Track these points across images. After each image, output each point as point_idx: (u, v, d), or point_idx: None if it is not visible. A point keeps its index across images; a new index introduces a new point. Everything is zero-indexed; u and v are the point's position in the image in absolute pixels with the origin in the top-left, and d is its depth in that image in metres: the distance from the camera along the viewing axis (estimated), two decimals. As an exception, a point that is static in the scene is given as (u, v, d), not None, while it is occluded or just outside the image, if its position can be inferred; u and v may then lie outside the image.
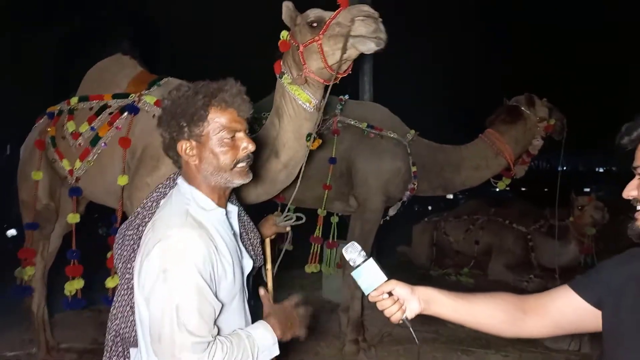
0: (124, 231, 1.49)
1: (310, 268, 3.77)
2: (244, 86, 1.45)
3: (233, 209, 1.52)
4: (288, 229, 2.09)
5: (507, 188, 4.17)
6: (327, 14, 2.26)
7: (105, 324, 1.50)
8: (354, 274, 1.33)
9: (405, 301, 1.31)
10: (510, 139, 3.78)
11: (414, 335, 1.32)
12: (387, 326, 4.31)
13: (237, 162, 1.39)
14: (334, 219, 3.88)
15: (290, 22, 2.35)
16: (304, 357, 3.76)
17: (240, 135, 1.40)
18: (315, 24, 2.24)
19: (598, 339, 3.77)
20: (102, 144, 2.91)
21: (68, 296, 3.11)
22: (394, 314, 1.29)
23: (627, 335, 1.14)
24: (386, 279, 1.32)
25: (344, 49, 2.15)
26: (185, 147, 1.37)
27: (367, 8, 2.18)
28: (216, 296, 1.29)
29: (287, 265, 2.32)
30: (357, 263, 1.34)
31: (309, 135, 2.36)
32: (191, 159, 1.38)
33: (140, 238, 1.40)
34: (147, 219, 1.42)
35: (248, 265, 1.52)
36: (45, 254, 3.44)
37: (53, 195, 3.32)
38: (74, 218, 3.14)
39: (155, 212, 1.42)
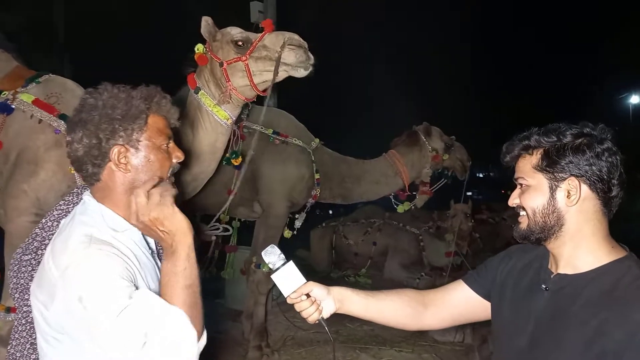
0: (20, 256, 1.31)
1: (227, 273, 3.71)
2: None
3: None
4: (213, 237, 2.13)
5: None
6: (252, 35, 2.37)
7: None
8: (273, 277, 1.34)
9: (322, 302, 1.37)
10: (408, 162, 4.04)
11: (329, 334, 1.38)
12: (289, 330, 4.36)
13: (173, 171, 1.30)
14: (235, 224, 3.83)
15: (209, 37, 2.40)
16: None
17: (171, 144, 1.31)
18: (241, 43, 2.34)
19: (479, 331, 4.15)
20: None
21: None
22: (312, 314, 1.34)
23: (508, 321, 1.29)
24: (305, 281, 1.35)
25: (276, 73, 2.28)
26: (119, 152, 1.21)
27: (297, 37, 2.34)
28: None
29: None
30: (277, 266, 1.35)
31: (234, 152, 2.53)
32: (123, 168, 1.23)
33: (40, 264, 1.23)
34: (47, 241, 1.27)
35: None
36: None
37: None
38: None
39: (55, 232, 1.26)
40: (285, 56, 2.28)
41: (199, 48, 2.40)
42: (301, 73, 2.33)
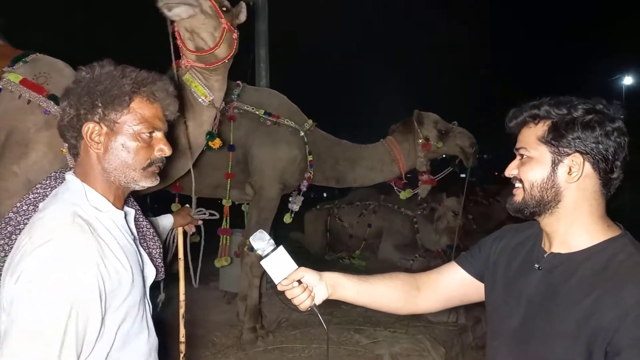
0: None
1: (220, 262, 3.60)
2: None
3: (129, 211, 1.34)
4: (200, 222, 2.23)
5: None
6: None
7: None
8: (263, 262, 1.30)
9: (314, 288, 1.33)
10: (404, 149, 3.99)
11: (322, 321, 1.34)
12: (284, 312, 4.37)
13: (151, 163, 1.24)
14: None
15: None
16: (199, 348, 3.67)
17: (158, 135, 1.25)
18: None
19: (472, 311, 4.18)
20: None
21: None
22: (304, 301, 1.29)
23: (500, 301, 1.28)
24: (296, 266, 1.30)
25: (169, 24, 2.28)
26: (92, 130, 1.18)
27: None
28: (106, 313, 1.11)
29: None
30: (267, 252, 1.30)
31: (210, 133, 2.46)
32: (95, 147, 1.19)
33: (12, 249, 1.19)
34: (21, 226, 1.23)
35: (150, 274, 1.36)
36: None
37: None
38: None
39: (32, 216, 1.20)
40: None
41: None
42: (165, 13, 2.22)
